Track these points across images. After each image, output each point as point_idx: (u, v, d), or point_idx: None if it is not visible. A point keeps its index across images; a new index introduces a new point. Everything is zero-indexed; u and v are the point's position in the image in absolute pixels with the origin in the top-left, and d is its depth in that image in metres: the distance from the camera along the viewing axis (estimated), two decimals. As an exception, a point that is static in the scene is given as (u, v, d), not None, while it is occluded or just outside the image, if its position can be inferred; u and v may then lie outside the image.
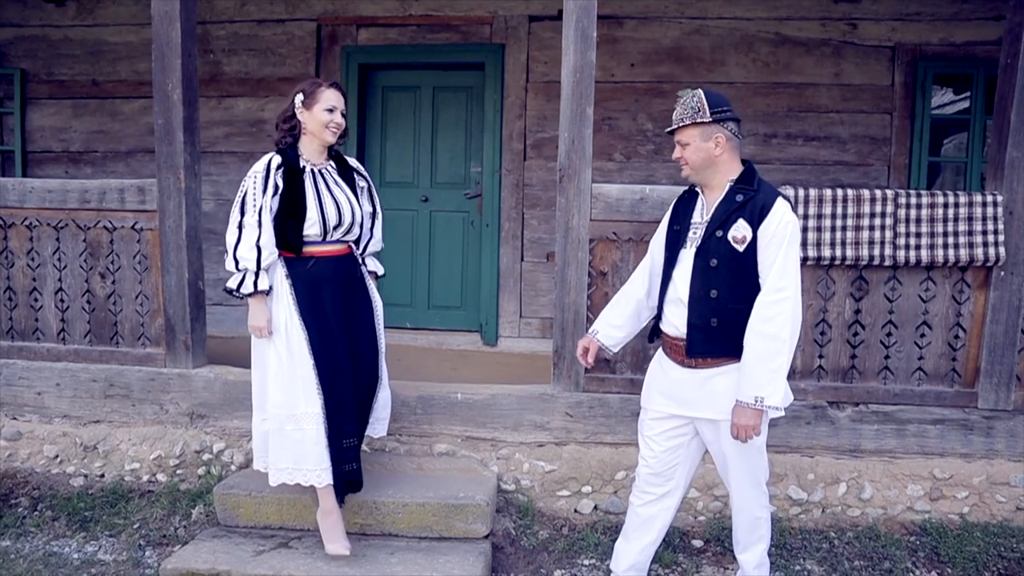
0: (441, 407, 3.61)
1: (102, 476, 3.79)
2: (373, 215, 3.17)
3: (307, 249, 2.89)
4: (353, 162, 3.12)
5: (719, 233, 2.49)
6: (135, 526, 3.45)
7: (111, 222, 3.74)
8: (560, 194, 3.44)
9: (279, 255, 2.89)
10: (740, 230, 2.46)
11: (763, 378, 2.40)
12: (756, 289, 2.47)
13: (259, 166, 2.84)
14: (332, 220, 2.88)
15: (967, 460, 3.43)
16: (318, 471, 2.85)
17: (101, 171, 5.53)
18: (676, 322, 2.59)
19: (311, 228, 2.86)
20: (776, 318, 2.40)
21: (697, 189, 2.66)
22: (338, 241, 2.96)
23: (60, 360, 3.86)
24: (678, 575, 3.14)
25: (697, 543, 3.29)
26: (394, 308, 5.63)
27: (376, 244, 3.22)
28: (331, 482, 2.88)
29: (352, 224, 2.98)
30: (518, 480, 3.54)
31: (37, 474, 3.82)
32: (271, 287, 2.87)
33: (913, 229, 3.30)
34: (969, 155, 4.99)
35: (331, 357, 2.87)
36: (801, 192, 3.33)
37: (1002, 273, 3.31)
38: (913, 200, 3.29)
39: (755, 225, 2.45)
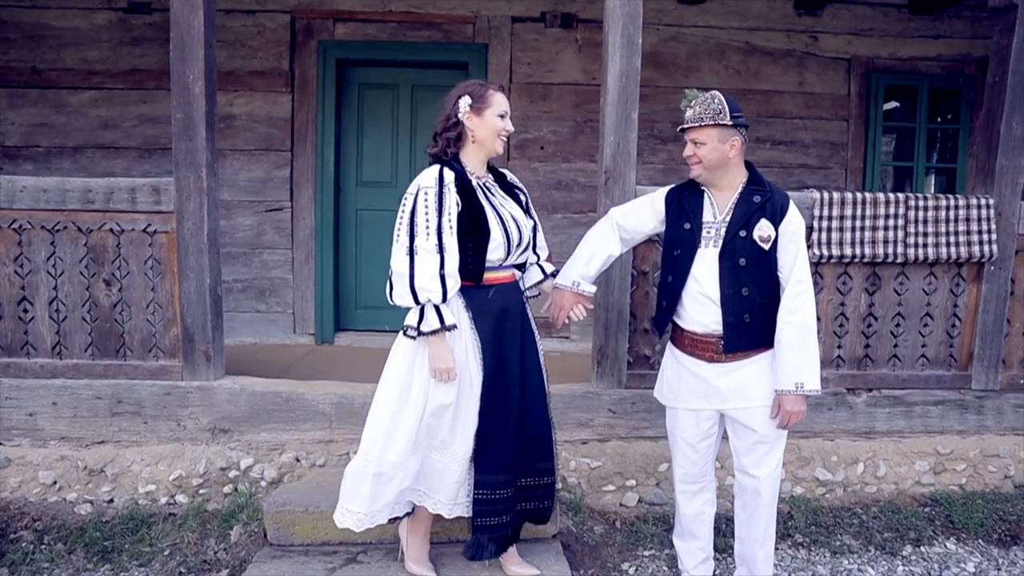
0: (485, 410, 3.58)
1: (111, 501, 3.48)
2: (535, 228, 2.82)
3: (486, 276, 2.58)
4: (509, 175, 2.84)
5: (743, 233, 2.61)
6: (166, 553, 3.20)
7: (118, 224, 3.44)
8: (605, 196, 3.51)
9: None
10: (765, 229, 2.61)
11: (800, 364, 2.59)
12: (775, 283, 2.64)
13: (427, 180, 2.49)
14: (515, 239, 2.60)
15: (963, 436, 3.82)
16: (449, 505, 2.67)
17: (44, 168, 5.04)
18: (704, 320, 2.68)
19: (496, 251, 2.55)
20: (802, 308, 2.60)
21: (702, 188, 2.74)
22: (511, 266, 2.69)
23: (56, 377, 3.50)
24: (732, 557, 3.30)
25: (742, 527, 3.46)
26: (372, 311, 5.53)
27: (544, 251, 2.91)
28: (450, 516, 2.71)
29: (528, 243, 2.72)
30: (565, 478, 3.58)
31: (32, 504, 3.46)
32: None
33: (921, 229, 3.62)
34: (915, 159, 5.51)
35: (501, 403, 2.60)
36: (825, 195, 3.58)
37: (992, 268, 3.70)
38: (921, 203, 3.62)
39: (776, 224, 2.61)
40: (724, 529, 3.46)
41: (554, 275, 2.89)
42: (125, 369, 3.51)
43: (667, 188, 2.84)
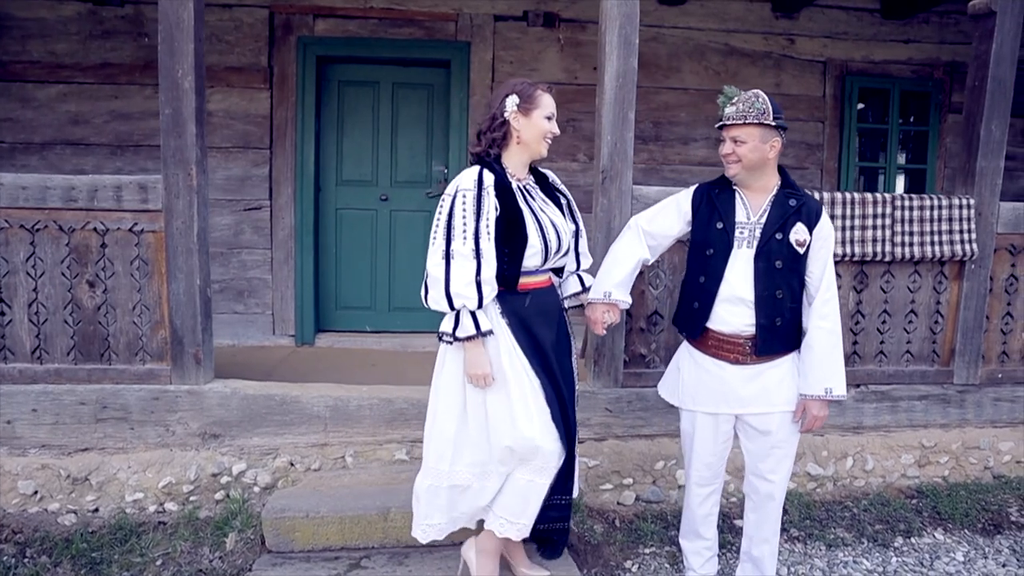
0: (482, 410, 3.56)
1: (96, 511, 3.36)
2: (576, 232, 2.75)
3: (522, 281, 2.51)
4: (552, 176, 2.76)
5: (779, 236, 2.59)
6: (158, 563, 3.10)
7: (103, 223, 3.32)
8: (602, 195, 3.51)
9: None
10: (801, 233, 2.59)
11: (829, 370, 2.62)
12: (802, 287, 2.65)
13: (466, 182, 2.41)
14: (554, 246, 2.53)
15: (945, 430, 3.93)
16: (531, 524, 2.57)
17: (9, 164, 4.83)
18: (735, 321, 2.64)
19: (532, 258, 2.49)
20: (831, 314, 2.62)
21: (733, 187, 2.70)
22: (548, 271, 2.63)
23: (36, 382, 3.36)
24: (734, 553, 3.33)
25: (739, 523, 3.50)
26: (353, 311, 5.46)
27: (586, 260, 2.83)
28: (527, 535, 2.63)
29: (568, 248, 2.66)
30: (563, 478, 3.57)
31: (12, 515, 3.31)
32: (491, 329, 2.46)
33: (907, 228, 3.71)
34: (888, 160, 5.65)
35: (559, 407, 2.57)
36: (817, 196, 3.64)
37: (972, 266, 3.81)
38: (908, 203, 3.71)
39: (811, 228, 2.61)
40: (722, 525, 3.50)
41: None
42: (110, 373, 3.39)
43: (692, 188, 2.81)
